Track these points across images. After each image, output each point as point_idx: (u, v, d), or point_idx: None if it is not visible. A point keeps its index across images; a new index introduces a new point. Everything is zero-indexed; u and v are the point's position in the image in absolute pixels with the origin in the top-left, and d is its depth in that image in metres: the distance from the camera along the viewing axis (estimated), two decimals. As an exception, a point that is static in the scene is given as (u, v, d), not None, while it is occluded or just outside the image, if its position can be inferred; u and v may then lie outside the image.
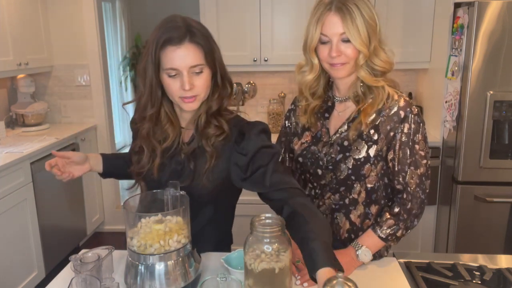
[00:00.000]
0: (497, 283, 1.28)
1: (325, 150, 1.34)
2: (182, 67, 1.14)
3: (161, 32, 1.14)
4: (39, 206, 2.77)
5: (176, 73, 1.15)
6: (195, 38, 1.15)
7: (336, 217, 1.36)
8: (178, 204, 1.20)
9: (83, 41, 3.47)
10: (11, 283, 2.53)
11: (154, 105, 1.22)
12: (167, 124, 1.26)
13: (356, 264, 1.30)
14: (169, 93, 1.20)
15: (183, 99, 1.18)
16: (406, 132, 1.26)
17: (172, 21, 1.16)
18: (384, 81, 1.29)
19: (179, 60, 1.13)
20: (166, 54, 1.14)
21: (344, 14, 1.20)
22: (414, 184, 1.28)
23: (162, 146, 1.26)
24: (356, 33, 1.20)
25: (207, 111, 1.24)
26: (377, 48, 1.24)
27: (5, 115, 3.35)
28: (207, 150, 1.23)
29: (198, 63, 1.15)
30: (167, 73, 1.16)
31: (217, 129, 1.23)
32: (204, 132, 1.23)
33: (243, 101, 3.26)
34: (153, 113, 1.23)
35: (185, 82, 1.14)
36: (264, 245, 1.08)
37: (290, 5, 2.99)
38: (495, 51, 2.38)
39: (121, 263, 1.29)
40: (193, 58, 1.14)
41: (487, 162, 2.48)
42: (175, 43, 1.13)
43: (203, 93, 1.21)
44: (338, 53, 1.23)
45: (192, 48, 1.14)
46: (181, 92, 1.17)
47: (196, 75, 1.17)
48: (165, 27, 1.15)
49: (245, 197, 3.25)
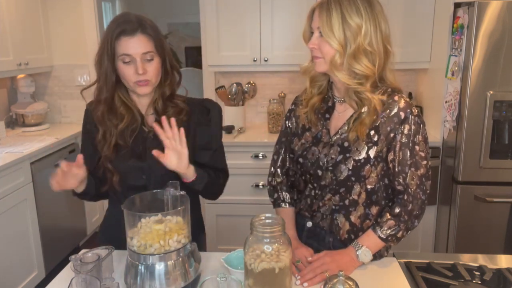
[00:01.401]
0: (497, 283, 1.28)
1: (325, 151, 1.34)
2: (135, 53, 1.29)
3: (116, 25, 1.30)
4: (39, 206, 2.77)
5: (130, 59, 1.30)
6: (146, 30, 1.31)
7: (336, 218, 1.36)
8: (178, 204, 1.20)
9: (83, 41, 3.47)
10: (11, 283, 2.53)
11: (109, 89, 1.35)
12: (121, 107, 1.38)
13: (356, 264, 1.30)
14: (124, 79, 1.34)
15: (138, 83, 1.32)
16: (406, 133, 1.26)
17: (125, 16, 1.33)
18: (383, 84, 1.28)
19: (132, 48, 1.29)
20: (120, 44, 1.29)
21: (322, 9, 1.22)
22: (415, 185, 1.27)
23: (118, 128, 1.37)
24: (328, 30, 1.21)
25: (162, 95, 1.40)
26: (357, 52, 1.22)
27: (5, 115, 3.35)
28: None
29: (149, 50, 1.31)
30: (121, 59, 1.30)
31: (176, 109, 1.40)
32: (165, 114, 1.36)
33: (243, 101, 3.26)
34: (108, 96, 1.36)
35: (139, 67, 1.29)
36: (264, 245, 1.08)
37: (290, 5, 2.98)
38: (495, 51, 2.38)
39: (121, 263, 1.30)
40: (144, 46, 1.30)
41: (487, 162, 2.48)
42: (129, 33, 1.29)
43: (154, 79, 1.35)
44: (313, 45, 1.26)
45: (144, 38, 1.30)
46: (135, 76, 1.31)
47: (148, 62, 1.32)
48: (118, 21, 1.31)
49: (245, 197, 3.24)
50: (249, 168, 2.92)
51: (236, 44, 3.06)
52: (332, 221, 1.37)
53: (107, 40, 1.30)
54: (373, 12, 1.22)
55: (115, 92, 1.37)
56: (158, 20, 7.64)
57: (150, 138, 1.38)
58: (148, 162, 1.36)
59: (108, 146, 1.36)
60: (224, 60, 3.10)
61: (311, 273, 1.23)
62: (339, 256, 1.29)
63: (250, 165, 2.93)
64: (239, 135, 3.09)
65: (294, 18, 2.99)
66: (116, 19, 1.33)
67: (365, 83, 1.25)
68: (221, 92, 3.20)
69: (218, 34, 3.05)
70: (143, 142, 1.39)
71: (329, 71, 1.29)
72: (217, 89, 3.23)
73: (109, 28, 1.32)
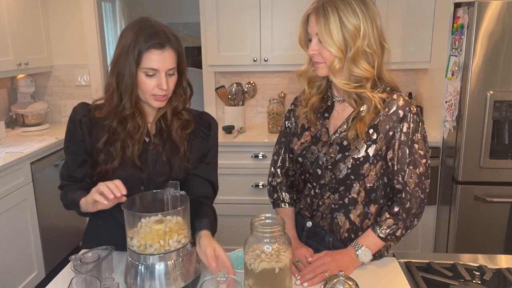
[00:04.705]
0: (497, 283, 1.28)
1: (325, 149, 1.34)
2: (162, 68, 1.26)
3: (145, 37, 1.24)
4: (39, 206, 2.77)
5: (154, 73, 1.27)
6: (173, 44, 1.28)
7: (336, 217, 1.36)
8: (178, 204, 1.20)
9: (83, 41, 3.47)
10: (11, 283, 2.53)
11: (133, 104, 1.31)
12: (139, 117, 1.34)
13: (356, 264, 1.30)
14: (142, 90, 1.30)
15: (155, 97, 1.30)
16: (405, 131, 1.26)
17: (151, 26, 1.28)
18: (382, 83, 1.29)
19: (160, 62, 1.26)
20: (149, 56, 1.25)
21: (319, 16, 1.21)
22: (413, 183, 1.27)
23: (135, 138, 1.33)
24: (328, 37, 1.20)
25: (173, 109, 1.38)
26: (357, 55, 1.22)
27: (5, 115, 3.35)
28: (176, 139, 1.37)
29: (173, 66, 1.29)
30: (145, 72, 1.26)
31: (182, 122, 1.39)
32: (171, 126, 1.38)
33: (243, 101, 3.26)
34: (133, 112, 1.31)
35: (163, 83, 1.27)
36: (264, 245, 1.08)
37: (290, 5, 2.98)
38: (495, 51, 2.38)
39: (121, 263, 1.30)
40: (171, 62, 1.28)
41: (487, 162, 2.48)
42: (159, 47, 1.25)
43: (171, 93, 1.34)
44: (314, 52, 1.26)
45: (172, 53, 1.28)
46: (155, 90, 1.28)
47: (170, 77, 1.30)
48: (146, 32, 1.26)
49: (245, 197, 3.24)
50: (249, 168, 2.93)
51: (236, 44, 3.06)
52: (332, 220, 1.37)
53: (133, 50, 1.24)
54: (368, 10, 1.22)
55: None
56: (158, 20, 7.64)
57: (151, 148, 1.37)
58: (147, 172, 1.35)
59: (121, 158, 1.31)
60: (224, 60, 3.10)
61: (311, 273, 1.23)
62: (339, 256, 1.29)
63: (250, 165, 2.93)
64: (239, 135, 3.09)
65: (294, 18, 2.98)
66: (141, 28, 1.26)
67: (365, 84, 1.25)
68: (221, 92, 3.20)
69: (218, 34, 3.05)
70: (143, 152, 1.36)
71: (328, 74, 1.29)
72: (217, 89, 3.23)
73: (133, 37, 1.25)
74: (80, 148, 1.36)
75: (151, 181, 1.35)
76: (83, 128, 1.36)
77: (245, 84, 3.34)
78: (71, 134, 1.39)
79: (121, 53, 1.27)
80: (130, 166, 1.33)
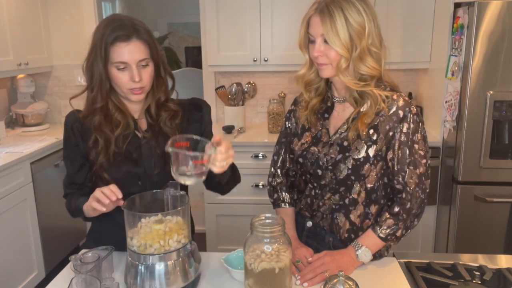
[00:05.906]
0: (497, 283, 1.28)
1: (325, 150, 1.34)
2: (131, 61, 1.26)
3: (110, 30, 1.25)
4: (39, 206, 2.77)
5: (125, 66, 1.27)
6: (141, 35, 1.27)
7: (336, 217, 1.36)
8: (178, 204, 1.20)
9: (83, 41, 3.46)
10: (11, 283, 2.53)
11: (104, 97, 1.32)
12: (116, 112, 1.35)
13: (356, 264, 1.30)
14: (118, 85, 1.30)
15: (132, 91, 1.30)
16: (405, 131, 1.26)
17: (117, 19, 1.28)
18: (381, 83, 1.29)
19: (128, 54, 1.25)
20: (115, 50, 1.25)
21: (324, 16, 1.21)
22: (414, 183, 1.28)
23: (115, 134, 1.34)
24: (334, 36, 1.20)
25: (156, 101, 1.38)
26: (363, 54, 1.22)
27: (5, 115, 3.35)
28: (167, 131, 1.37)
29: (144, 57, 1.28)
30: (116, 66, 1.27)
31: (169, 112, 1.38)
32: (158, 118, 1.38)
33: (243, 101, 3.26)
34: (103, 104, 1.32)
35: (135, 75, 1.26)
36: (264, 245, 1.08)
37: (290, 5, 2.98)
38: (495, 51, 2.38)
39: (121, 263, 1.30)
40: (140, 53, 1.27)
41: (487, 162, 2.48)
42: (124, 39, 1.25)
43: (148, 85, 1.33)
44: (319, 53, 1.25)
45: (139, 44, 1.27)
46: (130, 84, 1.28)
47: (143, 68, 1.29)
48: (112, 25, 1.26)
49: (245, 197, 3.24)
50: (249, 168, 2.92)
51: (236, 44, 3.06)
52: (332, 221, 1.37)
53: (100, 45, 1.26)
54: (369, 9, 1.23)
55: (108, 99, 1.34)
56: (158, 20, 7.65)
57: (144, 143, 1.37)
58: (143, 167, 1.36)
59: (104, 154, 1.33)
60: (224, 60, 3.10)
61: (311, 273, 1.23)
62: (339, 256, 1.29)
63: (250, 165, 2.93)
64: (239, 135, 3.09)
65: (294, 18, 2.98)
66: (108, 23, 1.28)
67: (370, 82, 1.26)
68: (221, 92, 3.20)
69: (218, 34, 3.05)
70: (137, 147, 1.37)
71: (335, 75, 1.29)
72: (217, 89, 3.23)
73: (100, 32, 1.27)
74: (76, 153, 1.39)
75: (148, 176, 1.36)
76: (75, 134, 1.38)
77: (245, 84, 3.34)
78: (66, 141, 1.42)
79: (91, 50, 1.29)
80: (125, 162, 1.35)
